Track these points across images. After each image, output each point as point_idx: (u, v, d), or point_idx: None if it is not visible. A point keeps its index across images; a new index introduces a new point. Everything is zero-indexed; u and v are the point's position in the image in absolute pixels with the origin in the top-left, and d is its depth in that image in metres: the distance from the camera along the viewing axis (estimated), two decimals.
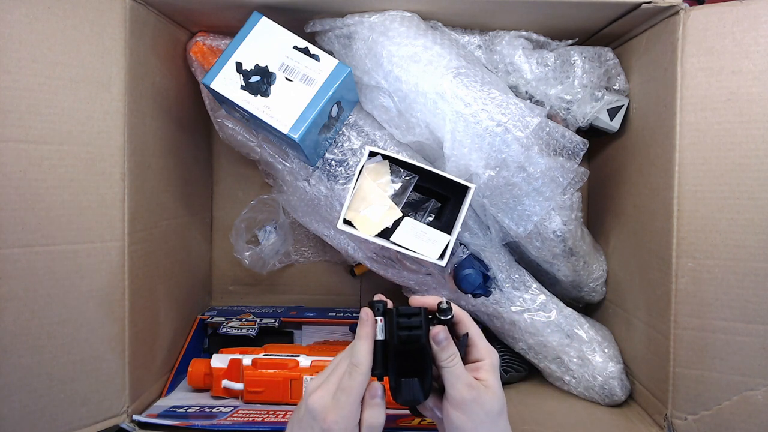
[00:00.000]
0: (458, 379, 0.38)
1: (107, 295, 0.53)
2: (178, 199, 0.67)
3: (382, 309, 0.40)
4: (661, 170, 0.57)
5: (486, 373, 0.40)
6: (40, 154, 0.48)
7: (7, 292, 0.47)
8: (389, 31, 0.57)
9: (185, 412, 0.57)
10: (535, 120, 0.55)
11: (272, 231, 0.76)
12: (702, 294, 0.53)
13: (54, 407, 0.50)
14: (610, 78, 0.66)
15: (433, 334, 0.40)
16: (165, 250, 0.64)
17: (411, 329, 0.39)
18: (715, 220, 0.52)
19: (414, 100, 0.57)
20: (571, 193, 0.63)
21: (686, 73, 0.53)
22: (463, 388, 0.38)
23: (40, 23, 0.48)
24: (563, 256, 0.65)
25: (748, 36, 0.50)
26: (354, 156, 0.62)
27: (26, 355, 0.48)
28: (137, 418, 0.54)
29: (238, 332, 0.67)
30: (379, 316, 0.40)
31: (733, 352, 0.51)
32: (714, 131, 0.52)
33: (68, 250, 0.50)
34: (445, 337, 0.39)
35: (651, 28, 0.60)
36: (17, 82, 0.47)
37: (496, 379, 0.40)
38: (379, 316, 0.40)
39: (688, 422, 0.54)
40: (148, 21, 0.58)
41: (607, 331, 0.67)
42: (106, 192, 0.53)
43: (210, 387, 0.63)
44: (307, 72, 0.55)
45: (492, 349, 0.41)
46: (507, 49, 0.62)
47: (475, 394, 0.38)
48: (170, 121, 0.64)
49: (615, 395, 0.62)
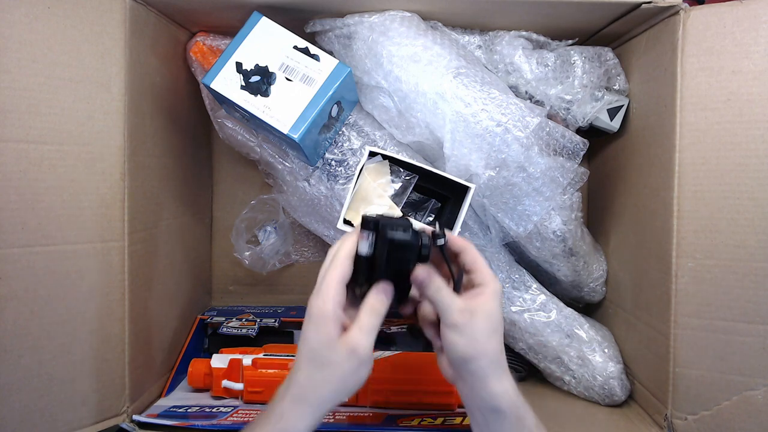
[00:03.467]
0: (448, 308, 0.40)
1: (107, 295, 0.53)
2: (178, 199, 0.67)
3: (372, 225, 0.40)
4: (661, 170, 0.57)
5: (485, 297, 0.41)
6: (40, 154, 0.48)
7: (7, 292, 0.47)
8: (389, 31, 0.57)
9: (185, 412, 0.57)
10: (535, 120, 0.55)
11: (272, 231, 0.76)
12: (702, 294, 0.53)
13: (54, 407, 0.50)
14: (610, 78, 0.66)
15: (413, 277, 0.41)
16: (165, 250, 0.64)
17: (401, 258, 0.40)
18: (715, 220, 0.52)
19: (414, 100, 0.57)
20: (571, 193, 0.63)
21: (686, 73, 0.53)
22: (454, 314, 0.40)
23: (40, 23, 0.48)
24: (563, 256, 0.65)
25: (748, 36, 0.50)
26: (354, 156, 0.62)
27: (26, 355, 0.48)
28: (137, 418, 0.54)
29: (238, 332, 0.67)
30: (370, 231, 0.40)
31: (733, 352, 0.51)
32: (714, 131, 0.52)
33: (68, 250, 0.50)
34: (426, 276, 0.40)
35: (651, 28, 0.60)
36: (17, 82, 0.47)
37: (494, 303, 0.41)
38: (369, 231, 0.40)
39: (688, 422, 0.54)
40: (148, 21, 0.58)
41: (607, 331, 0.67)
42: (106, 192, 0.53)
43: (210, 387, 0.63)
44: (307, 72, 0.55)
45: (495, 276, 0.42)
46: (507, 49, 0.62)
47: (467, 318, 0.39)
48: (170, 121, 0.64)
49: (615, 395, 0.62)
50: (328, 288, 0.39)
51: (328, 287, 0.39)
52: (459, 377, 0.42)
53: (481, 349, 0.39)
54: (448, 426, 0.55)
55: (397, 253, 0.39)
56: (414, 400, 0.59)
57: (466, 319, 0.39)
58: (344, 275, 0.40)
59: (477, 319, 0.40)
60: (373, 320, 0.39)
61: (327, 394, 0.38)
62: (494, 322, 0.40)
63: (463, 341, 0.39)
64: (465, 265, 0.43)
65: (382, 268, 0.40)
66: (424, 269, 0.41)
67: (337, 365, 0.38)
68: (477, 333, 0.39)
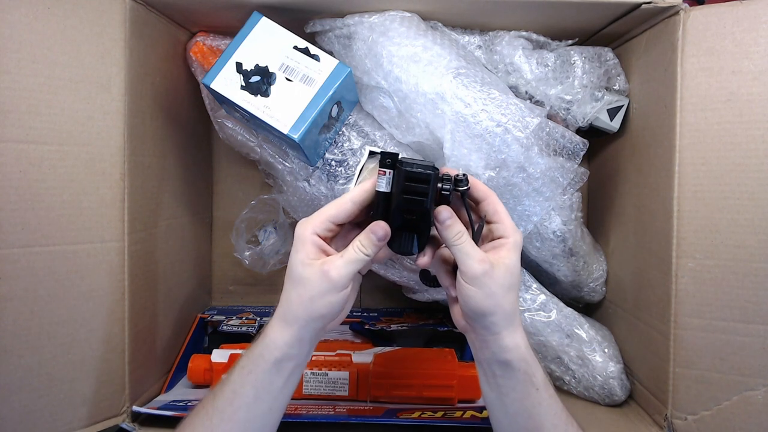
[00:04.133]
0: (467, 256, 0.39)
1: (107, 295, 0.53)
2: (178, 199, 0.67)
3: (392, 162, 0.39)
4: (661, 170, 0.57)
5: (505, 250, 0.40)
6: (40, 154, 0.48)
7: (7, 292, 0.47)
8: (389, 32, 0.57)
9: (185, 406, 0.57)
10: (535, 120, 0.55)
11: (272, 231, 0.76)
12: (702, 294, 0.53)
13: (54, 407, 0.50)
14: (610, 78, 0.66)
15: (436, 213, 0.40)
16: (165, 250, 0.64)
17: (416, 194, 0.39)
18: (715, 220, 0.52)
19: (414, 100, 0.57)
20: (571, 193, 0.63)
21: (686, 73, 0.53)
22: (473, 264, 0.39)
23: (40, 23, 0.48)
24: (563, 256, 0.65)
25: (748, 36, 0.50)
26: (354, 156, 0.62)
27: (26, 355, 0.48)
28: (137, 409, 0.54)
29: (238, 330, 0.67)
30: (389, 168, 0.39)
31: (733, 352, 0.51)
32: (714, 131, 0.52)
33: (68, 250, 0.50)
34: (449, 216, 0.40)
35: (651, 28, 0.60)
36: (17, 82, 0.47)
37: (514, 256, 0.40)
38: (389, 169, 0.40)
39: (688, 422, 0.54)
40: (148, 21, 0.58)
41: (607, 331, 0.67)
42: (106, 192, 0.53)
43: (210, 382, 0.63)
44: (307, 72, 0.55)
45: (516, 229, 0.41)
46: (507, 49, 0.62)
47: (486, 268, 0.39)
48: (170, 121, 0.64)
49: (615, 395, 0.62)
50: (315, 219, 0.40)
51: (315, 218, 0.40)
52: (471, 329, 0.42)
53: (498, 303, 0.39)
54: (449, 419, 0.55)
55: (415, 190, 0.39)
56: (414, 394, 0.59)
57: (485, 271, 0.39)
58: (338, 214, 0.40)
59: (496, 273, 0.39)
60: (357, 254, 0.39)
61: (298, 311, 0.39)
62: (513, 276, 0.40)
63: (481, 294, 0.39)
64: (486, 215, 0.42)
65: (400, 206, 0.39)
66: (447, 209, 0.40)
67: (308, 283, 0.39)
68: (495, 287, 0.39)
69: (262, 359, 0.40)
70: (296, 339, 0.40)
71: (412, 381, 0.59)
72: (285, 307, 0.40)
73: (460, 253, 0.39)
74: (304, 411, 0.56)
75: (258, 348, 0.40)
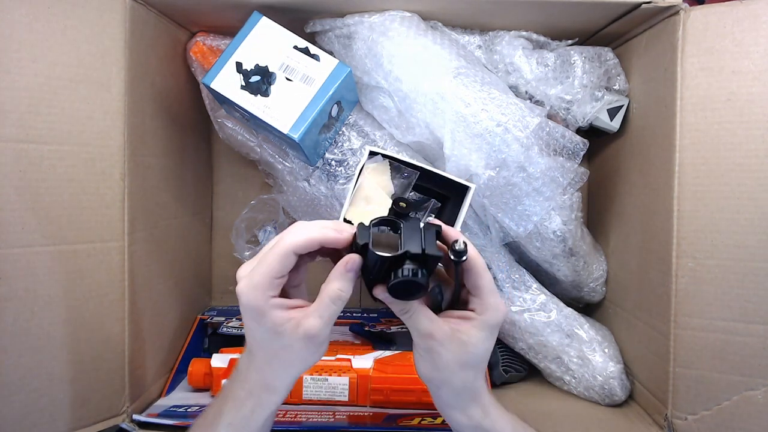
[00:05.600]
0: (413, 330, 0.37)
1: (107, 295, 0.53)
2: (178, 199, 0.67)
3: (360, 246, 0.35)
4: (661, 170, 0.56)
5: (469, 326, 0.36)
6: (40, 154, 0.48)
7: (7, 292, 0.47)
8: (389, 31, 0.57)
9: (185, 412, 0.57)
10: (535, 120, 0.55)
11: (272, 231, 0.76)
12: (702, 294, 0.53)
13: (54, 407, 0.50)
14: (610, 78, 0.66)
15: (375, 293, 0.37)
16: (165, 250, 0.64)
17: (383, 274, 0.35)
18: (715, 220, 0.52)
19: (414, 100, 0.57)
20: (571, 193, 0.63)
21: (686, 73, 0.53)
22: (416, 338, 0.37)
23: (40, 23, 0.48)
24: (563, 256, 0.65)
25: (748, 36, 0.50)
26: (354, 156, 0.62)
27: (26, 355, 0.48)
28: (137, 417, 0.54)
29: (238, 332, 0.67)
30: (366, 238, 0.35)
31: (733, 352, 0.51)
32: (714, 131, 0.52)
33: (68, 250, 0.50)
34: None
35: (651, 28, 0.60)
36: (17, 82, 0.47)
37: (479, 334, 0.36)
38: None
39: (688, 422, 0.54)
40: (148, 21, 0.58)
41: (607, 331, 0.67)
42: (106, 192, 0.53)
43: (210, 387, 0.63)
44: (307, 72, 0.55)
45: (498, 306, 0.37)
46: (507, 49, 0.62)
47: (430, 345, 0.36)
48: (170, 121, 0.64)
49: (615, 395, 0.62)
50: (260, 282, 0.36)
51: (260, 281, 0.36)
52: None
53: (445, 378, 0.36)
54: (448, 426, 0.55)
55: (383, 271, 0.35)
56: (414, 399, 0.59)
57: (428, 345, 0.36)
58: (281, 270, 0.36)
59: (445, 348, 0.35)
60: (334, 303, 0.35)
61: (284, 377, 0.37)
62: (469, 354, 0.36)
63: (424, 366, 0.37)
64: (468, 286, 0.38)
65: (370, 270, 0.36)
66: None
67: (291, 350, 0.36)
68: (441, 362, 0.36)
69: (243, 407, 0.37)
70: (281, 398, 0.38)
71: (412, 386, 0.59)
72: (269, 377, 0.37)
73: (409, 324, 0.37)
74: (304, 418, 0.56)
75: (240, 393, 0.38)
